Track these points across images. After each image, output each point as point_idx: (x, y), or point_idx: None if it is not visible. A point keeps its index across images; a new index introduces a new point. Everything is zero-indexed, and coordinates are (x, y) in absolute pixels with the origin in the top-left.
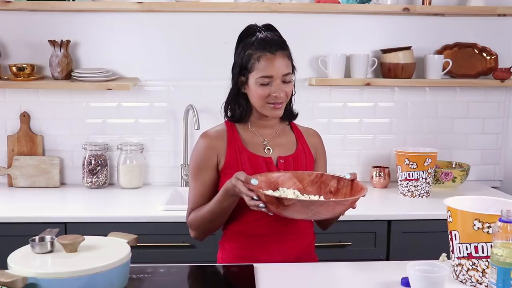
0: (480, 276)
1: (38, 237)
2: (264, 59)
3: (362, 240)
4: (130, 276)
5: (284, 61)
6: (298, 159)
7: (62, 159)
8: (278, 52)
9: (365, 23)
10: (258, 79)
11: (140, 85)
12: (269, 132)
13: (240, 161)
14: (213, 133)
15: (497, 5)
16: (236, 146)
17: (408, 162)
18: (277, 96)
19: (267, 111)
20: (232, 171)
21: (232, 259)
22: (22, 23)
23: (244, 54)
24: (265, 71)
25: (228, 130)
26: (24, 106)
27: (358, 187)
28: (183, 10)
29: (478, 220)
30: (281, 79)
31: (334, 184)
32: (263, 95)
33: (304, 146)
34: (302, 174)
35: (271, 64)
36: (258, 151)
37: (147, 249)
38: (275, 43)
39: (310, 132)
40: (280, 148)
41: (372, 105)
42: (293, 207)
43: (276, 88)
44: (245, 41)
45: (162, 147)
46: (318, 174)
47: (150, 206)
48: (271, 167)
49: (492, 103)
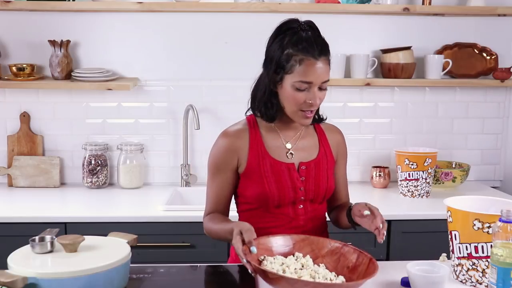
0: (480, 276)
1: (38, 237)
2: (306, 63)
3: (362, 240)
4: (130, 276)
5: (325, 67)
6: (319, 164)
7: (62, 159)
8: (321, 57)
9: (365, 23)
10: (295, 83)
11: (140, 85)
12: (293, 133)
13: (262, 167)
14: (234, 132)
15: (497, 5)
16: (258, 150)
17: (408, 162)
18: (313, 103)
19: (297, 118)
20: (254, 176)
21: None
22: (22, 23)
23: (283, 52)
24: (305, 76)
25: (250, 130)
26: (24, 106)
27: (373, 267)
28: (183, 10)
29: (478, 220)
30: (319, 86)
31: (353, 259)
32: (298, 100)
33: (326, 148)
34: (324, 241)
35: (312, 70)
36: (281, 157)
37: (147, 249)
38: (319, 46)
39: (333, 129)
40: (303, 152)
41: (372, 105)
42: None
43: (312, 95)
44: (285, 37)
45: (162, 147)
46: (340, 245)
47: (150, 206)
48: (294, 174)
49: (492, 103)
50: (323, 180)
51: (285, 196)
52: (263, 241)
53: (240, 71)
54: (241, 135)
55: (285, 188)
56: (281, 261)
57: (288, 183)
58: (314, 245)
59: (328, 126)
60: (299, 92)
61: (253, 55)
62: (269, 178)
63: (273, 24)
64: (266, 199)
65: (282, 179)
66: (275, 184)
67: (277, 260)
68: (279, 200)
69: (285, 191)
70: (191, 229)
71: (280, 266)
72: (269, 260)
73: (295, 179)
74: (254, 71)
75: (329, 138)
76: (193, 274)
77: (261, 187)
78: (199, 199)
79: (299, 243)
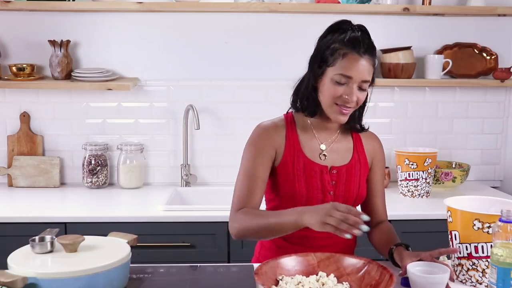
0: (480, 276)
1: (38, 237)
2: (350, 57)
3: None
4: (130, 276)
5: (368, 67)
6: (351, 169)
7: (62, 159)
8: (366, 55)
9: (365, 23)
10: (335, 76)
11: (140, 85)
12: (328, 135)
13: (295, 165)
14: (271, 125)
15: (497, 5)
16: (293, 146)
17: (408, 162)
18: (348, 99)
19: (332, 113)
20: (286, 173)
21: (266, 257)
22: (22, 23)
23: (329, 47)
24: (346, 70)
25: (287, 126)
26: (24, 106)
27: (391, 283)
28: (183, 10)
29: (478, 220)
30: (358, 84)
31: (376, 276)
32: (334, 93)
33: (360, 154)
34: (349, 259)
35: (355, 64)
36: (314, 158)
37: (147, 249)
38: (366, 45)
39: (370, 135)
40: (336, 155)
41: (372, 105)
42: None
43: (350, 90)
44: (334, 34)
45: (162, 147)
46: (365, 262)
47: (150, 206)
48: (325, 176)
49: (492, 103)
50: (354, 186)
51: (313, 197)
52: (283, 260)
53: (240, 71)
54: (278, 130)
55: (315, 190)
56: (297, 281)
57: (319, 185)
58: (339, 263)
59: (365, 133)
60: (337, 85)
61: (253, 55)
62: (300, 177)
63: (273, 24)
64: (294, 198)
65: (313, 180)
66: (305, 184)
67: (294, 279)
68: (306, 201)
69: (314, 193)
70: (191, 229)
71: (296, 286)
72: (285, 280)
73: (326, 182)
74: (254, 71)
75: (365, 144)
76: (193, 274)
77: (291, 185)
78: (199, 199)
79: (324, 261)
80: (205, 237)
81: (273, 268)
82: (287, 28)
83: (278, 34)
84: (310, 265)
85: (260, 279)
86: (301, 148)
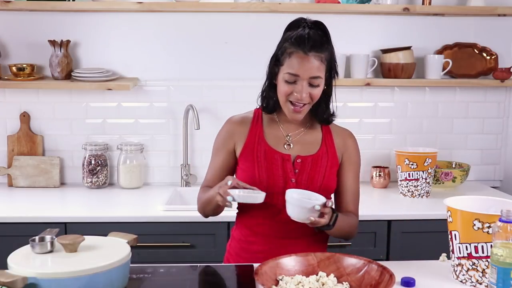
0: (480, 276)
1: (38, 237)
2: (295, 56)
3: (362, 240)
4: (130, 276)
5: (316, 63)
6: (318, 160)
7: (62, 159)
8: (311, 52)
9: (365, 23)
10: (285, 75)
11: (140, 85)
12: (296, 127)
13: (256, 153)
14: (236, 119)
15: (497, 5)
16: (256, 136)
17: (408, 162)
18: (299, 97)
19: (287, 111)
20: (247, 160)
21: (238, 250)
22: (22, 23)
23: (281, 47)
24: (292, 68)
25: (253, 118)
26: (24, 106)
27: (391, 283)
28: (183, 10)
29: (478, 220)
30: (308, 81)
31: (376, 276)
32: (285, 92)
33: (329, 147)
34: (349, 259)
35: (300, 63)
36: (277, 146)
37: (147, 249)
38: (312, 42)
39: (342, 133)
40: (302, 146)
41: (372, 105)
42: None
43: (299, 88)
44: (287, 33)
45: (162, 147)
46: (365, 262)
47: (150, 206)
48: (287, 164)
49: (492, 103)
50: (319, 176)
51: (274, 184)
52: (283, 260)
53: (240, 71)
54: (243, 122)
55: (275, 176)
56: (297, 281)
57: (280, 172)
58: (339, 263)
59: (338, 129)
60: (288, 84)
61: (253, 55)
62: (261, 164)
63: (273, 24)
64: (255, 184)
65: (274, 167)
66: (266, 171)
67: (294, 279)
68: (267, 187)
69: (275, 179)
70: (191, 229)
71: (296, 286)
72: (285, 280)
73: (288, 170)
74: (254, 71)
75: (335, 138)
76: (193, 274)
77: (252, 171)
78: None
79: (324, 261)
80: (205, 237)
81: (273, 268)
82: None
83: (278, 34)
84: (310, 265)
85: (260, 279)
86: (264, 137)
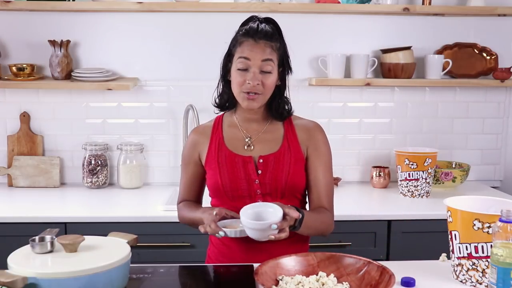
0: (480, 276)
1: (38, 237)
2: (246, 43)
3: (362, 240)
4: (130, 276)
5: (266, 49)
6: (280, 157)
7: (62, 159)
8: (262, 41)
9: (365, 23)
10: (237, 63)
11: (140, 85)
12: (256, 127)
13: (218, 159)
14: (199, 129)
15: (497, 5)
16: (217, 143)
17: (408, 162)
18: (252, 84)
19: (241, 101)
20: (211, 166)
21: (217, 255)
22: (22, 23)
23: (233, 40)
24: (243, 52)
25: (213, 125)
26: (24, 106)
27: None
28: (183, 10)
29: (478, 220)
30: (259, 67)
31: (376, 276)
32: (239, 82)
33: (291, 143)
34: (349, 259)
35: (251, 48)
36: (238, 149)
37: (147, 249)
38: (263, 33)
39: (305, 126)
40: (263, 145)
41: (372, 105)
42: None
43: (252, 75)
44: (239, 28)
45: (162, 147)
46: (365, 262)
47: (150, 206)
48: (249, 166)
49: (492, 103)
50: (283, 174)
51: (238, 187)
52: (283, 260)
53: None
54: (204, 131)
55: (238, 180)
56: (297, 281)
57: (242, 175)
58: (339, 263)
59: (302, 122)
60: (240, 72)
61: None
62: (223, 169)
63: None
64: (219, 189)
65: (236, 170)
66: (228, 175)
67: (294, 279)
68: (232, 191)
69: (238, 183)
70: (191, 229)
71: (296, 286)
72: (285, 280)
73: (250, 172)
74: None
75: (298, 132)
76: (193, 274)
77: (216, 177)
78: None
79: (324, 261)
80: (205, 237)
81: (273, 268)
82: (287, 28)
83: None
84: (310, 265)
85: (260, 279)
86: (224, 143)
